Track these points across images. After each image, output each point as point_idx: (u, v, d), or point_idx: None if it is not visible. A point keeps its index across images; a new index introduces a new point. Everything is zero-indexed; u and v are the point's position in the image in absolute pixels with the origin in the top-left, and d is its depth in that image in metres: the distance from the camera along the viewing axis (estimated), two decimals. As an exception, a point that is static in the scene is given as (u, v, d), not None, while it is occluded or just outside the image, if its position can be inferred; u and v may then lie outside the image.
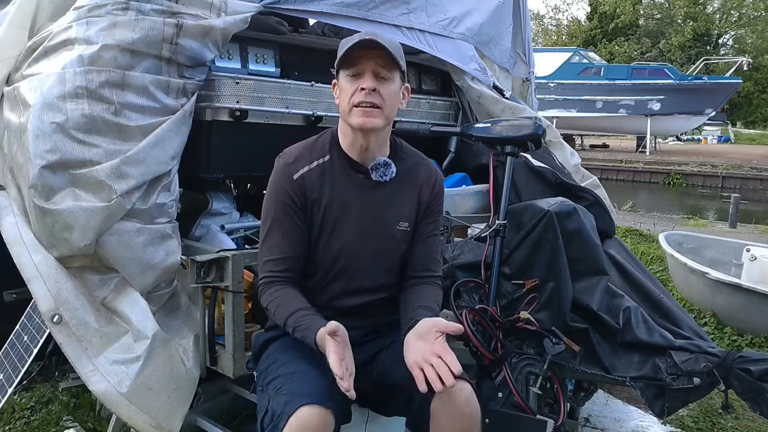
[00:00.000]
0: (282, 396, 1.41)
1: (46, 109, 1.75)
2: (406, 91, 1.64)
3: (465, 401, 1.43)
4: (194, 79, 1.98)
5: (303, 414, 1.33)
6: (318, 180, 1.61)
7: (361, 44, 1.50)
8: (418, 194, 1.69)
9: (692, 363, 1.96)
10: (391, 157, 1.66)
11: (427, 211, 1.71)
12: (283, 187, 1.60)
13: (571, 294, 2.14)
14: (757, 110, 34.66)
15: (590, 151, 21.45)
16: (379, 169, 1.61)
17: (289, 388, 1.42)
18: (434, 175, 1.74)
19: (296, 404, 1.35)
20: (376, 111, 1.53)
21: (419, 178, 1.70)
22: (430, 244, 1.73)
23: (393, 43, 1.55)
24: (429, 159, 1.79)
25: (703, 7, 32.23)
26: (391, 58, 1.52)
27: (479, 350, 1.96)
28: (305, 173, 1.60)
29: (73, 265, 1.84)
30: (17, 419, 2.57)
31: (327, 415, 1.36)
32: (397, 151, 1.70)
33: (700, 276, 4.02)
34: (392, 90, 1.56)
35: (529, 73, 3.35)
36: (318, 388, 1.41)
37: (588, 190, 2.64)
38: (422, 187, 1.69)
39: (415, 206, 1.69)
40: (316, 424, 1.34)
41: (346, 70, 1.55)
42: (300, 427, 1.32)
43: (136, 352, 1.82)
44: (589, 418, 2.73)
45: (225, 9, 1.99)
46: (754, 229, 8.39)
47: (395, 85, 1.56)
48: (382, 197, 1.64)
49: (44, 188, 1.75)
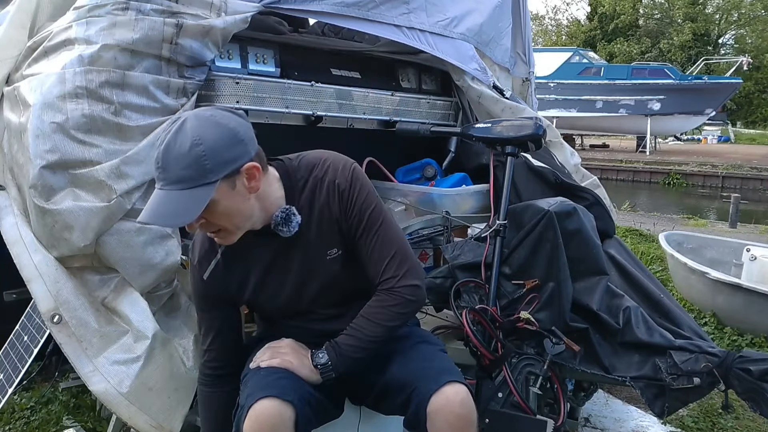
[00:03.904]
0: (246, 389, 1.47)
1: (46, 109, 1.75)
2: (256, 171, 1.38)
3: (461, 403, 1.44)
4: (194, 79, 1.98)
5: (260, 405, 1.37)
6: (228, 269, 1.55)
7: None
8: (329, 214, 1.53)
9: (692, 363, 1.96)
10: (288, 196, 1.50)
11: (348, 221, 1.53)
12: (197, 288, 1.61)
13: (571, 294, 2.14)
14: (757, 110, 34.68)
15: (590, 151, 21.46)
16: (281, 229, 1.47)
17: (253, 382, 1.47)
18: (335, 180, 1.51)
19: (256, 396, 1.39)
20: (223, 233, 1.42)
21: (324, 201, 1.52)
22: (368, 247, 1.54)
23: (188, 175, 1.29)
24: (328, 159, 1.55)
25: (702, 7, 32.23)
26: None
27: (479, 350, 1.97)
28: (213, 269, 1.55)
29: (73, 265, 1.84)
30: (17, 419, 2.57)
31: (285, 408, 1.38)
32: (292, 183, 1.52)
33: (700, 276, 4.02)
34: (222, 209, 1.36)
35: (529, 73, 3.35)
36: (279, 382, 1.45)
37: (588, 190, 2.64)
38: (330, 208, 1.52)
39: (335, 229, 1.54)
40: (273, 416, 1.36)
41: None
42: (257, 418, 1.36)
43: (136, 352, 1.82)
44: (589, 418, 2.73)
45: (225, 9, 1.99)
46: (754, 229, 8.39)
47: (223, 200, 1.35)
48: (299, 242, 1.53)
49: (44, 188, 1.75)
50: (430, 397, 1.43)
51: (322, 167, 1.54)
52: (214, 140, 1.32)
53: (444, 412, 1.43)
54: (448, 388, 1.44)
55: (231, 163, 1.34)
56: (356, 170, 1.55)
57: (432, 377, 1.48)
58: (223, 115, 1.37)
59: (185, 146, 1.30)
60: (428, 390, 1.45)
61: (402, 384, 1.52)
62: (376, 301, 1.55)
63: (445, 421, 1.43)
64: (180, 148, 1.30)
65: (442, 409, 1.43)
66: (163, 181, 1.32)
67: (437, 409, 1.43)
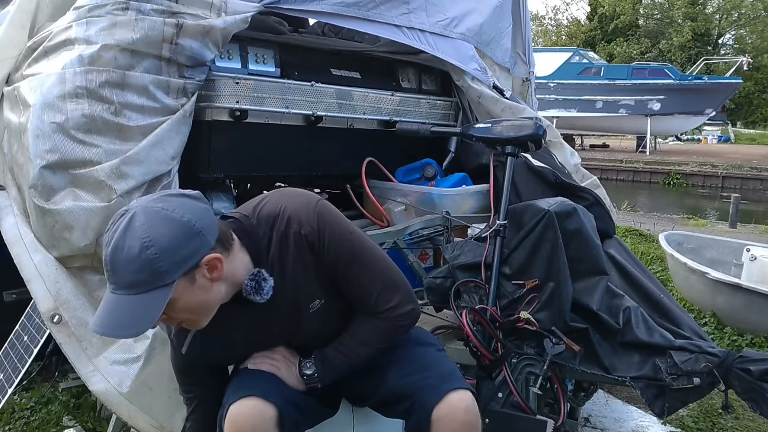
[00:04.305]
0: (230, 388, 1.47)
1: (46, 109, 1.75)
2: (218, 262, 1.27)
3: (465, 410, 1.42)
4: (194, 79, 1.98)
5: (240, 405, 1.37)
6: (206, 340, 1.46)
7: None
8: (303, 266, 1.42)
9: (692, 363, 1.96)
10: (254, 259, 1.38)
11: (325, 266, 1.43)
12: (177, 364, 1.56)
13: (571, 294, 2.14)
14: (757, 110, 34.68)
15: (590, 151, 21.45)
16: (254, 296, 1.37)
17: (236, 381, 1.48)
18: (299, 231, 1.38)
19: (238, 395, 1.39)
20: (191, 322, 1.34)
21: (293, 254, 1.40)
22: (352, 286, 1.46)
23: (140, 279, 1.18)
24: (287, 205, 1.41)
25: (702, 7, 32.24)
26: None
27: (479, 350, 1.97)
28: (191, 342, 1.47)
29: (73, 265, 1.84)
30: (17, 419, 2.57)
31: (266, 408, 1.37)
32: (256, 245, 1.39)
33: (700, 276, 4.02)
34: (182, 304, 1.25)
35: (529, 73, 3.35)
36: (261, 382, 1.44)
37: (588, 190, 2.64)
38: (302, 259, 1.41)
39: (311, 277, 1.44)
40: (253, 415, 1.36)
41: None
42: (236, 417, 1.36)
43: (136, 352, 1.82)
44: (589, 418, 2.73)
45: (225, 9, 1.99)
46: (754, 229, 8.39)
47: (182, 297, 1.24)
48: (277, 302, 1.42)
49: (44, 188, 1.75)
50: (432, 408, 1.41)
51: (282, 219, 1.39)
52: (167, 239, 1.18)
53: (448, 421, 1.40)
54: (452, 396, 1.42)
55: (188, 260, 1.21)
56: (320, 211, 1.41)
57: (432, 387, 1.44)
58: (174, 206, 1.22)
59: (134, 249, 1.17)
60: (430, 401, 1.41)
61: (401, 394, 1.49)
62: (369, 324, 1.50)
63: (450, 430, 1.41)
64: (129, 251, 1.17)
65: (446, 417, 1.40)
66: (114, 285, 1.21)
67: (441, 418, 1.40)
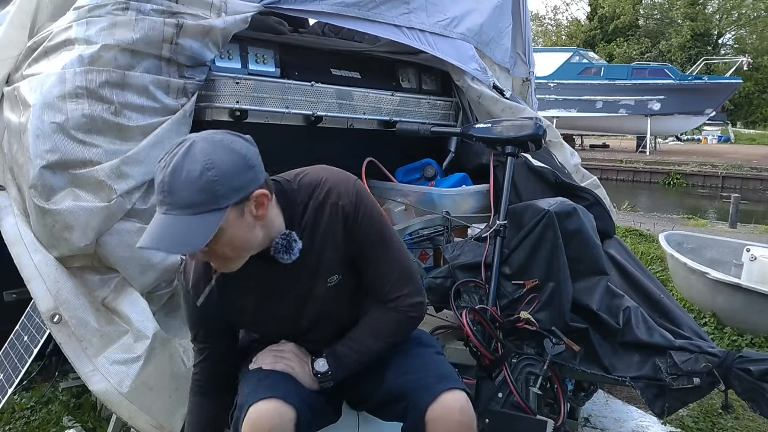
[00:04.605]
0: (246, 389, 1.45)
1: (46, 109, 1.75)
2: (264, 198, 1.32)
3: (460, 411, 1.41)
4: (194, 79, 1.98)
5: (261, 407, 1.35)
6: (223, 295, 1.49)
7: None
8: (335, 239, 1.46)
9: (692, 363, 1.96)
10: (287, 222, 1.43)
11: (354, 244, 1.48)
12: (190, 313, 1.56)
13: (571, 294, 2.14)
14: (757, 110, 34.67)
15: (590, 151, 21.45)
16: (282, 256, 1.40)
17: (253, 382, 1.45)
18: (338, 202, 1.44)
19: (257, 396, 1.37)
20: (227, 260, 1.36)
21: (327, 224, 1.45)
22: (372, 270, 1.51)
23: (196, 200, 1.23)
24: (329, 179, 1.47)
25: (702, 7, 32.24)
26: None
27: (479, 350, 1.97)
28: (208, 296, 1.48)
29: (73, 265, 1.84)
30: (17, 419, 2.57)
31: (286, 410, 1.36)
32: (292, 208, 1.44)
33: (700, 276, 4.02)
34: (228, 237, 1.29)
35: (529, 73, 3.35)
36: (280, 383, 1.43)
37: (588, 190, 2.64)
38: (334, 231, 1.46)
39: (338, 253, 1.48)
40: (274, 417, 1.35)
41: None
42: (257, 419, 1.34)
43: (136, 352, 1.82)
44: (589, 418, 2.73)
45: (225, 9, 1.99)
46: (754, 229, 8.39)
47: (229, 228, 1.28)
48: (299, 268, 1.45)
49: (44, 188, 1.75)
50: (426, 408, 1.40)
51: (321, 188, 1.45)
52: (227, 165, 1.25)
53: (443, 422, 1.40)
54: (447, 396, 1.41)
55: (242, 190, 1.27)
56: (359, 188, 1.48)
57: (427, 387, 1.44)
58: (232, 140, 1.30)
59: (195, 171, 1.23)
60: (424, 401, 1.41)
61: (397, 395, 1.49)
62: (380, 316, 1.53)
63: (445, 430, 1.40)
64: (189, 173, 1.23)
65: (440, 418, 1.40)
66: (169, 206, 1.24)
67: (435, 419, 1.40)
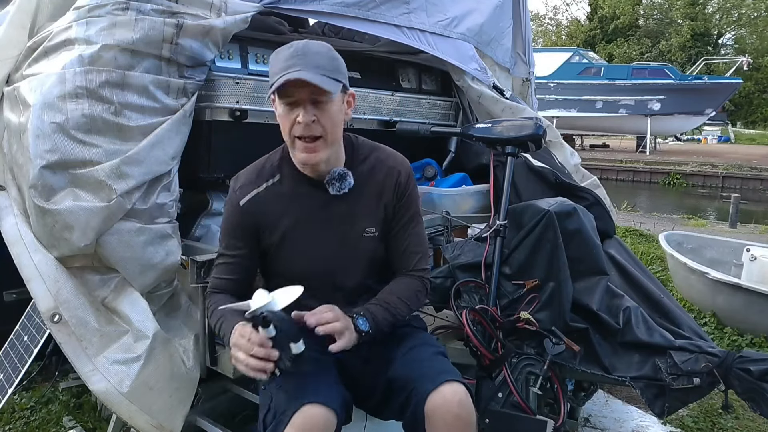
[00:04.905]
0: (286, 394, 1.42)
1: (46, 109, 1.75)
2: (352, 98, 1.58)
3: (459, 403, 1.43)
4: (194, 79, 1.98)
5: (307, 412, 1.34)
6: (267, 203, 1.58)
7: (289, 82, 1.42)
8: (381, 196, 1.63)
9: (692, 363, 1.96)
10: (347, 162, 1.60)
11: (395, 209, 1.65)
12: (231, 213, 1.61)
13: (571, 294, 2.14)
14: (757, 110, 34.68)
15: (590, 151, 21.46)
16: (334, 183, 1.55)
17: (292, 386, 1.43)
18: (397, 168, 1.64)
19: (300, 402, 1.36)
20: (319, 143, 1.49)
21: (380, 180, 1.63)
22: (405, 240, 1.66)
23: (324, 62, 1.45)
24: (391, 151, 1.69)
25: (702, 7, 32.23)
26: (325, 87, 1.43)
27: (479, 350, 1.97)
28: (252, 198, 1.58)
29: (73, 265, 1.84)
30: (17, 419, 2.57)
31: (330, 415, 1.36)
32: (355, 154, 1.63)
33: (700, 276, 4.02)
34: (332, 111, 1.48)
35: (529, 73, 3.35)
36: (322, 387, 1.42)
37: (588, 190, 2.64)
38: (384, 189, 1.62)
39: (380, 210, 1.63)
40: (320, 423, 1.34)
41: (281, 98, 1.48)
42: (303, 424, 1.33)
43: (136, 351, 1.82)
44: (589, 418, 2.73)
45: (225, 9, 1.99)
46: (754, 229, 8.40)
47: (335, 104, 1.49)
48: (344, 208, 1.59)
49: (44, 188, 1.75)
50: (427, 396, 1.43)
51: (385, 152, 1.66)
52: (340, 57, 1.51)
53: (441, 412, 1.42)
54: (446, 387, 1.44)
55: (346, 80, 1.52)
56: (411, 170, 1.69)
57: (430, 377, 1.47)
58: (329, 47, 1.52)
59: (323, 47, 1.48)
60: (425, 389, 1.44)
61: (402, 384, 1.52)
62: (408, 282, 1.65)
63: (443, 421, 1.42)
64: (320, 47, 1.47)
65: (439, 408, 1.42)
66: (302, 65, 1.41)
67: (435, 408, 1.42)
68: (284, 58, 1.45)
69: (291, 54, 1.44)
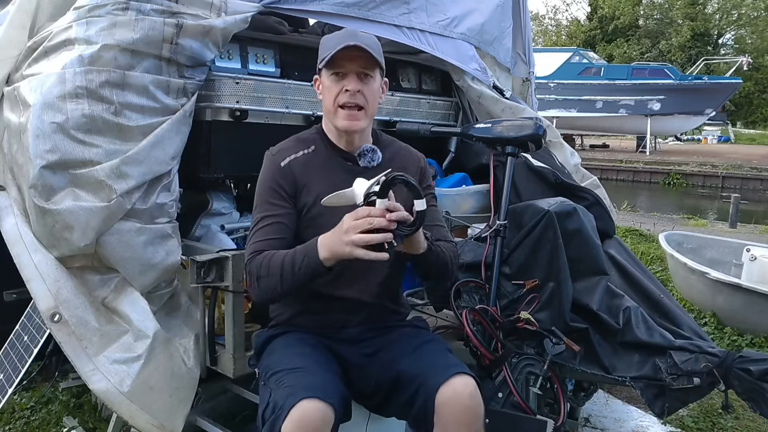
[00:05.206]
0: (284, 389, 1.42)
1: (46, 109, 1.75)
2: (385, 86, 1.73)
3: (470, 395, 1.45)
4: (194, 79, 1.98)
5: (304, 406, 1.34)
6: (305, 167, 1.66)
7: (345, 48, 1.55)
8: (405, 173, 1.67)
9: (692, 363, 1.96)
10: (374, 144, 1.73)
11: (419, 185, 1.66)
12: (271, 174, 1.65)
13: (571, 294, 2.14)
14: (757, 110, 34.68)
15: (590, 151, 21.47)
16: (366, 155, 1.68)
17: (291, 382, 1.43)
18: (418, 156, 1.82)
19: (298, 396, 1.36)
20: (360, 113, 1.62)
21: (404, 162, 1.75)
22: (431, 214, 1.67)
23: (373, 43, 1.62)
24: (410, 146, 1.85)
25: (702, 7, 32.24)
26: (373, 59, 1.59)
27: (479, 350, 1.97)
28: (292, 160, 1.66)
29: (73, 265, 1.84)
30: (17, 419, 2.57)
31: (328, 410, 1.36)
32: (379, 140, 1.77)
33: (700, 276, 4.02)
34: (374, 88, 1.64)
35: (529, 73, 3.35)
36: (320, 382, 1.43)
37: (588, 190, 2.64)
38: (407, 170, 1.66)
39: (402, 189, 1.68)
40: (317, 418, 1.34)
41: (330, 69, 1.61)
42: (300, 419, 1.33)
43: (136, 351, 1.82)
44: (589, 418, 2.73)
45: (225, 9, 1.99)
46: (754, 229, 8.40)
47: (376, 83, 1.65)
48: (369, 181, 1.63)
49: (44, 188, 1.75)
50: (438, 388, 1.44)
51: (407, 146, 1.83)
52: None
53: (452, 404, 1.43)
54: (457, 379, 1.45)
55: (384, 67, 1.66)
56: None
57: (440, 370, 1.49)
58: None
59: (370, 35, 1.66)
60: (436, 382, 1.45)
61: (410, 378, 1.53)
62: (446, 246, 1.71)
63: (453, 413, 1.43)
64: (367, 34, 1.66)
65: (450, 400, 1.43)
66: (354, 41, 1.55)
67: (445, 401, 1.43)
68: (337, 36, 1.61)
69: (344, 33, 1.63)
